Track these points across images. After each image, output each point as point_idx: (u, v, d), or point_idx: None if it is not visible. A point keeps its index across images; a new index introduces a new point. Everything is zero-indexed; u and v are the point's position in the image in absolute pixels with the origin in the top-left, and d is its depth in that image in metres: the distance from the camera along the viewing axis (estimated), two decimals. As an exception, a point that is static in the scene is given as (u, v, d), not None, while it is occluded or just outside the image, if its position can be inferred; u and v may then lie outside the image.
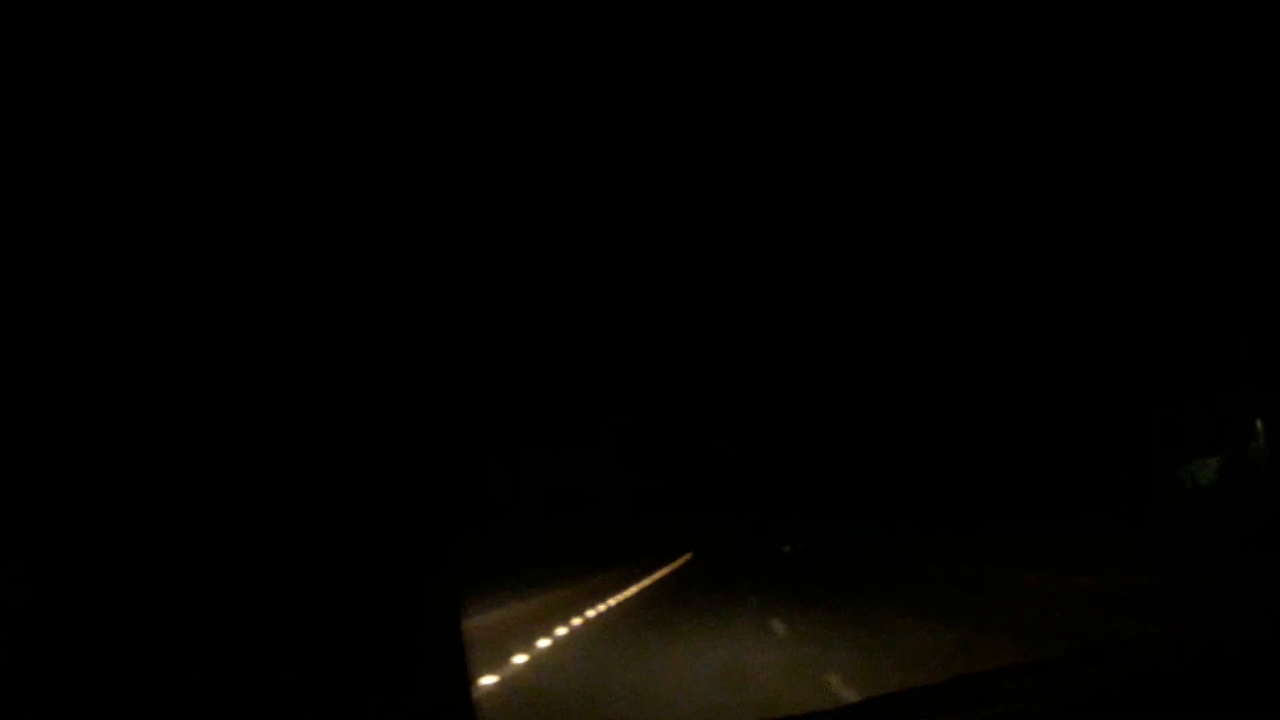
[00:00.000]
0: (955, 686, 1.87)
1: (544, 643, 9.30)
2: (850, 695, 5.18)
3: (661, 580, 22.28)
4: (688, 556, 49.67)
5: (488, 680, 6.84)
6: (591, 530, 32.67)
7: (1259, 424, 23.28)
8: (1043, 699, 1.72)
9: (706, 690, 6.33)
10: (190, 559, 1.45)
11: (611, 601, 12.93)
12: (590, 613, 11.21)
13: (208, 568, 1.47)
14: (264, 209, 1.63)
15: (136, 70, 1.54)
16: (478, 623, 7.96)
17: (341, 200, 1.87)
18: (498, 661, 7.75)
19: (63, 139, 1.45)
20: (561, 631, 10.28)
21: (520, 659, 8.36)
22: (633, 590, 16.43)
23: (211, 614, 1.46)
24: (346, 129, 1.88)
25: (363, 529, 1.69)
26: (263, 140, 1.67)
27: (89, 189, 1.48)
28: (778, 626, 10.00)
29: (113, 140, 1.51)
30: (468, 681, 1.90)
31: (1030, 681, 1.91)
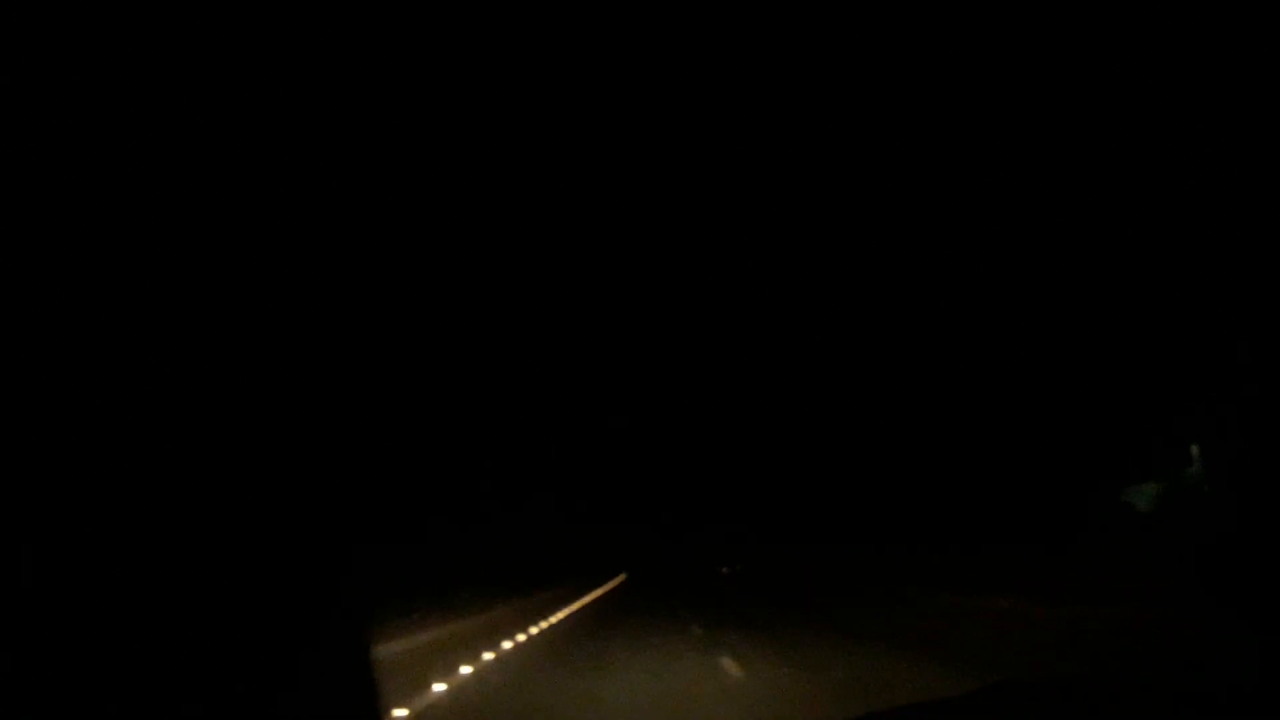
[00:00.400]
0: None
1: (466, 670, 8.92)
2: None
3: (593, 603, 21.88)
4: (621, 578, 49.13)
5: (400, 713, 6.52)
6: (514, 548, 32.00)
7: (1194, 450, 24.44)
8: None
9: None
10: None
11: (533, 631, 12.44)
12: (508, 644, 10.74)
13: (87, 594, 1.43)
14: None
15: (134, 70, 1.63)
16: (392, 648, 7.54)
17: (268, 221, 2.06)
18: (412, 692, 7.36)
19: (49, 136, 1.48)
20: (488, 656, 9.93)
21: (440, 687, 7.99)
22: (561, 614, 16.01)
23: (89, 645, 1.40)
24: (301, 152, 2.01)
25: (254, 538, 1.66)
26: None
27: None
28: (728, 665, 8.87)
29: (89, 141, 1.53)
30: (379, 712, 1.82)
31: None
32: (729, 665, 8.84)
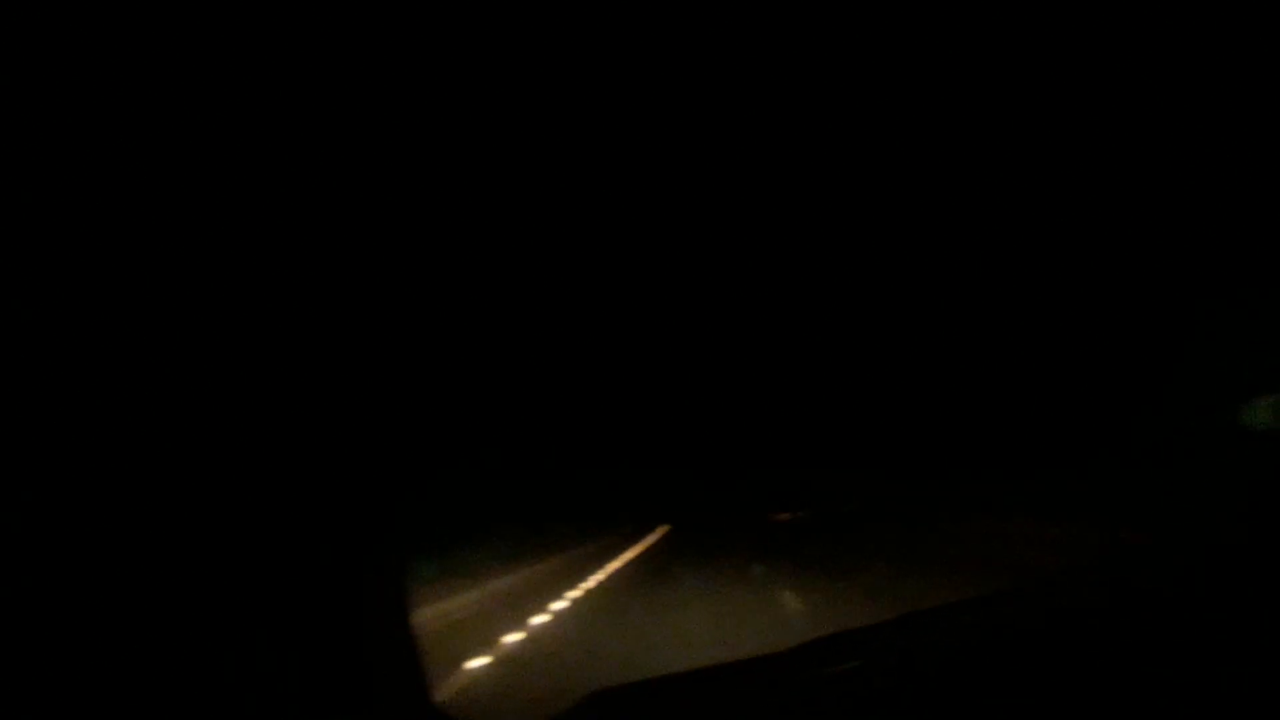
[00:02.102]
0: (906, 622, 2.25)
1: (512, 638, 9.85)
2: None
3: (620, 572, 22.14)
4: (664, 530, 50.63)
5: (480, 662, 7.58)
6: (540, 497, 33.50)
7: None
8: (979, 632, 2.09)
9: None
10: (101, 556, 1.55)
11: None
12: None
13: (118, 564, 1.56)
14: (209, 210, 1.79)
15: (133, 69, 1.71)
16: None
17: (288, 204, 1.94)
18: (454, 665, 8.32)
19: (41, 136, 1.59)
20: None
21: (482, 660, 8.63)
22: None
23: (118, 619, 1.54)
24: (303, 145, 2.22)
25: (290, 502, 1.77)
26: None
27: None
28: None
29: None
30: (425, 684, 1.96)
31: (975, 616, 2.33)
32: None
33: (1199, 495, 14.62)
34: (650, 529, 45.00)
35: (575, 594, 12.85)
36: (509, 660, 8.44)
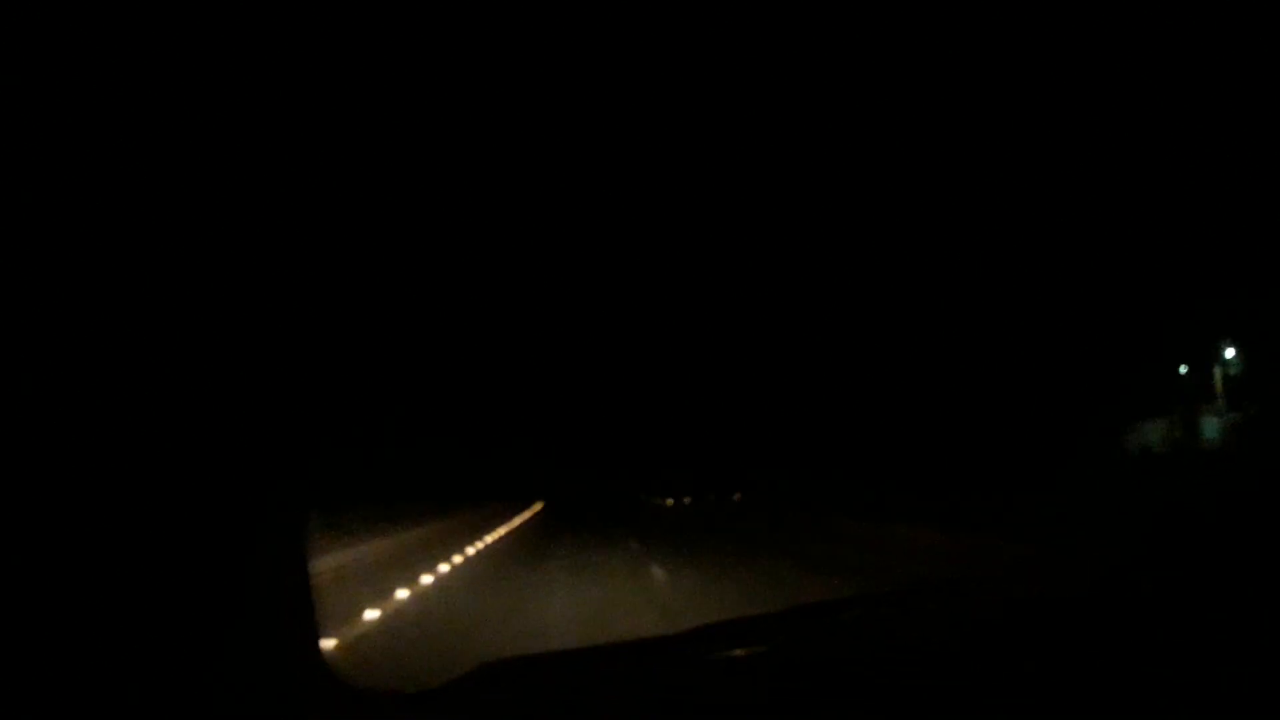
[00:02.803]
0: (792, 614, 2.42)
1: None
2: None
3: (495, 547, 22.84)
4: (538, 507, 50.83)
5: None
6: (410, 468, 33.37)
7: (1217, 376, 26.74)
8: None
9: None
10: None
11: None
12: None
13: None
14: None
15: (133, 68, 1.80)
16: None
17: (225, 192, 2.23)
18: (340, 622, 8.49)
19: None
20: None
21: (373, 614, 9.22)
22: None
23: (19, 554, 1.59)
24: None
25: (188, 443, 1.81)
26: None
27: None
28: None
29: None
30: (315, 635, 2.03)
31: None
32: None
33: (1085, 512, 15.77)
34: (522, 507, 45.14)
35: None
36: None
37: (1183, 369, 25.09)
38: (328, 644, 7.10)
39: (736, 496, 56.06)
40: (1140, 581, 2.69)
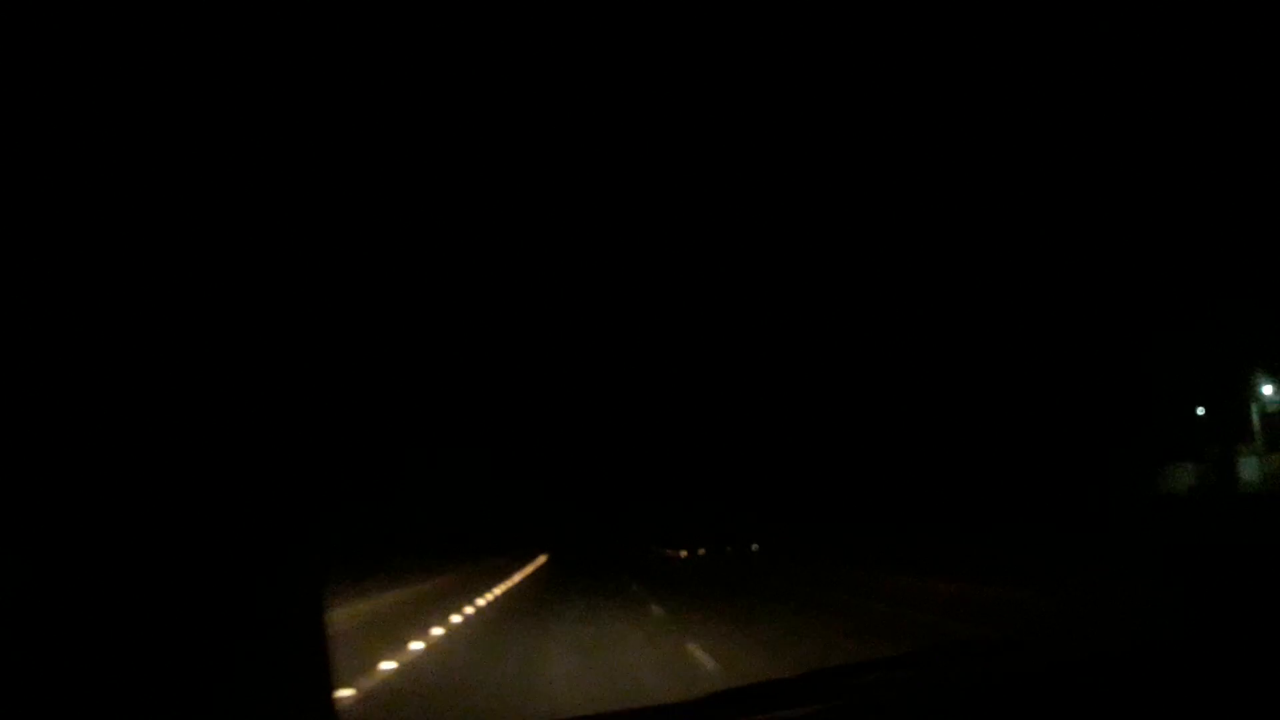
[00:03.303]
0: (808, 680, 2.45)
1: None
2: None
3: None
4: (541, 561, 50.54)
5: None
6: (420, 526, 33.40)
7: (1254, 414, 26.64)
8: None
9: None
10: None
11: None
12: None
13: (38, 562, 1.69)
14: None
15: (132, 67, 1.85)
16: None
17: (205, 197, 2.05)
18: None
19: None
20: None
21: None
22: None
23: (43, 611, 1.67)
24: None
25: (212, 503, 1.90)
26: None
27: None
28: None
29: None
30: (330, 686, 2.09)
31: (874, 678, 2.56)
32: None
33: (1113, 559, 15.82)
34: (524, 560, 44.52)
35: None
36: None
37: (1199, 410, 25.10)
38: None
39: (754, 547, 55.63)
40: (1173, 645, 2.75)
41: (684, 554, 60.06)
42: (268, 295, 2.28)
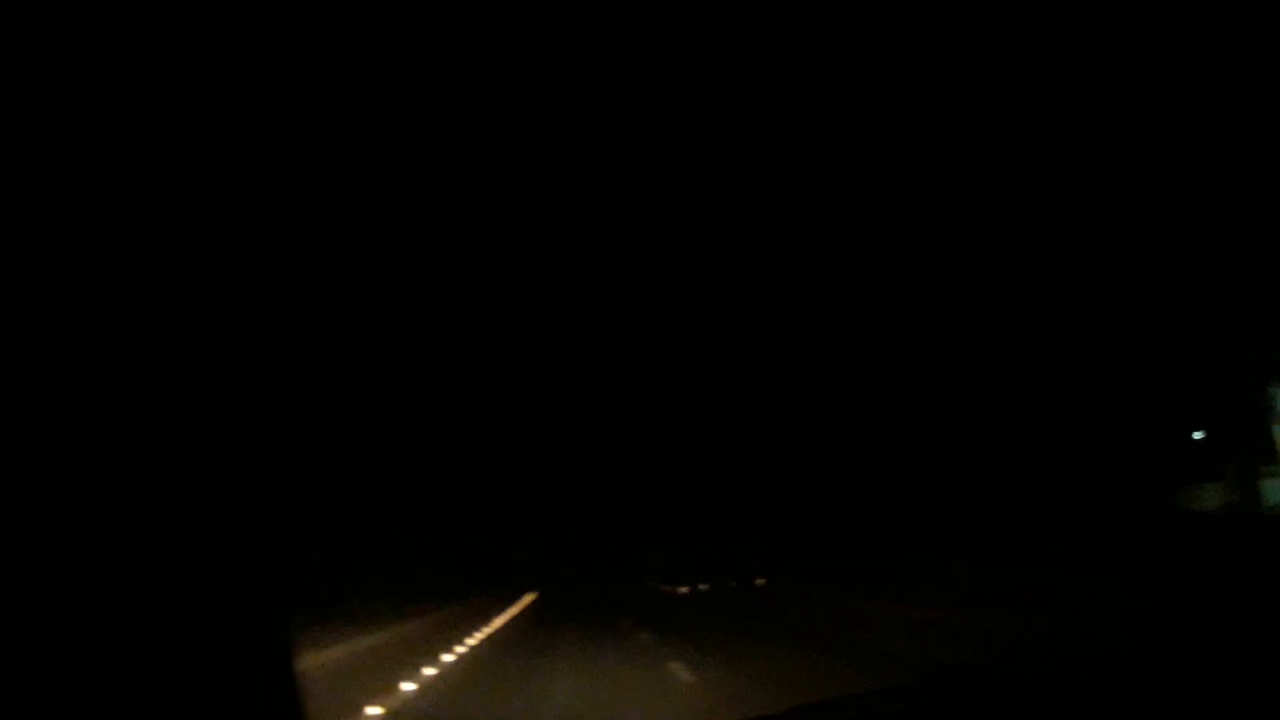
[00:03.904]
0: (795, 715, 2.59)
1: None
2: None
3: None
4: (528, 600, 50.04)
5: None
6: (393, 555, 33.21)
7: (1276, 434, 26.75)
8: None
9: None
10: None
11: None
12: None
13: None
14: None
15: (132, 67, 1.95)
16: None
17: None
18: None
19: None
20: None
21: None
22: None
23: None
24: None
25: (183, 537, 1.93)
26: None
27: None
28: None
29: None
30: None
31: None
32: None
33: (1136, 587, 15.97)
34: (508, 600, 44.35)
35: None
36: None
37: (1216, 429, 25.29)
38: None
39: (760, 582, 55.28)
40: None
41: (684, 590, 59.40)
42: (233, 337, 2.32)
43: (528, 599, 50.29)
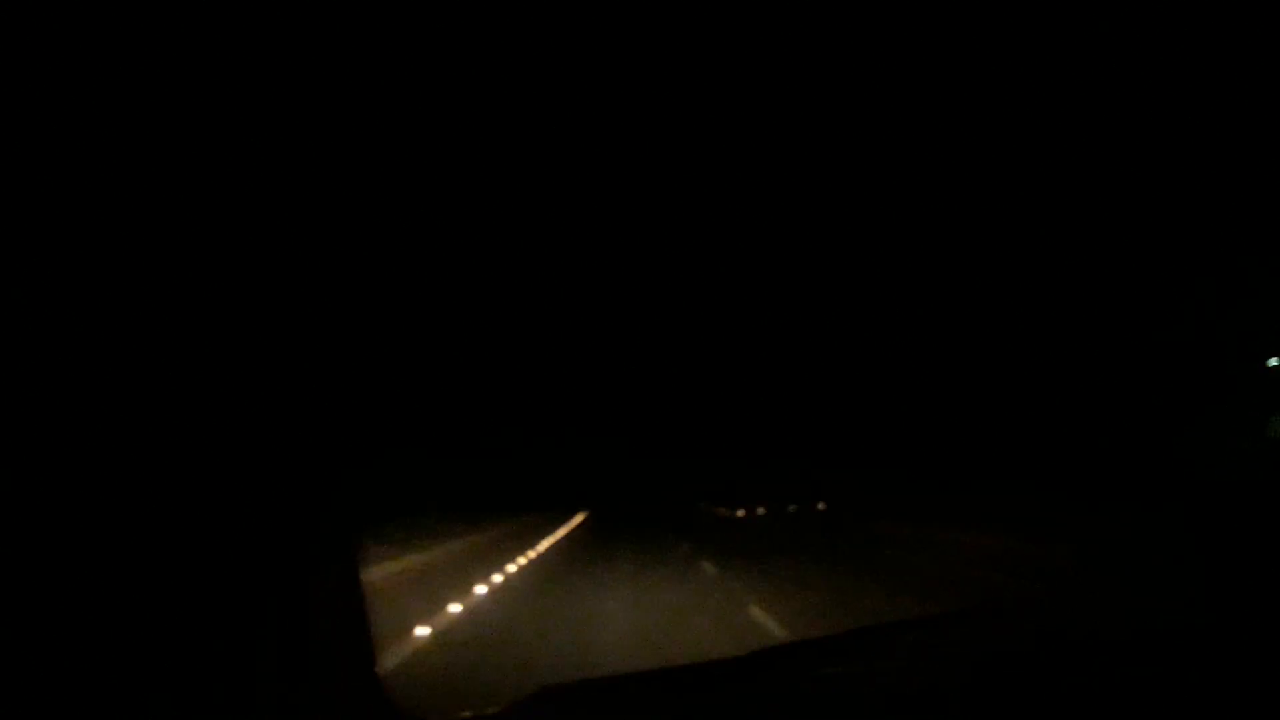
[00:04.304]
0: (857, 637, 2.61)
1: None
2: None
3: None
4: (577, 521, 50.68)
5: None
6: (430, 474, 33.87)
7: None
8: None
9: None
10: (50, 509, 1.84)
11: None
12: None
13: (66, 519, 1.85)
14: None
15: (133, 67, 1.98)
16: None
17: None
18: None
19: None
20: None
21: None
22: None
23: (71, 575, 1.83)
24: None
25: (238, 467, 2.08)
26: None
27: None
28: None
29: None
30: (371, 653, 2.23)
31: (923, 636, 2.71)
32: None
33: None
34: (558, 522, 43.87)
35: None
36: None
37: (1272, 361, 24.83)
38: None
39: (821, 506, 55.32)
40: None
41: (741, 513, 59.31)
42: (318, 274, 2.49)
43: (578, 519, 51.14)
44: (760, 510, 58.99)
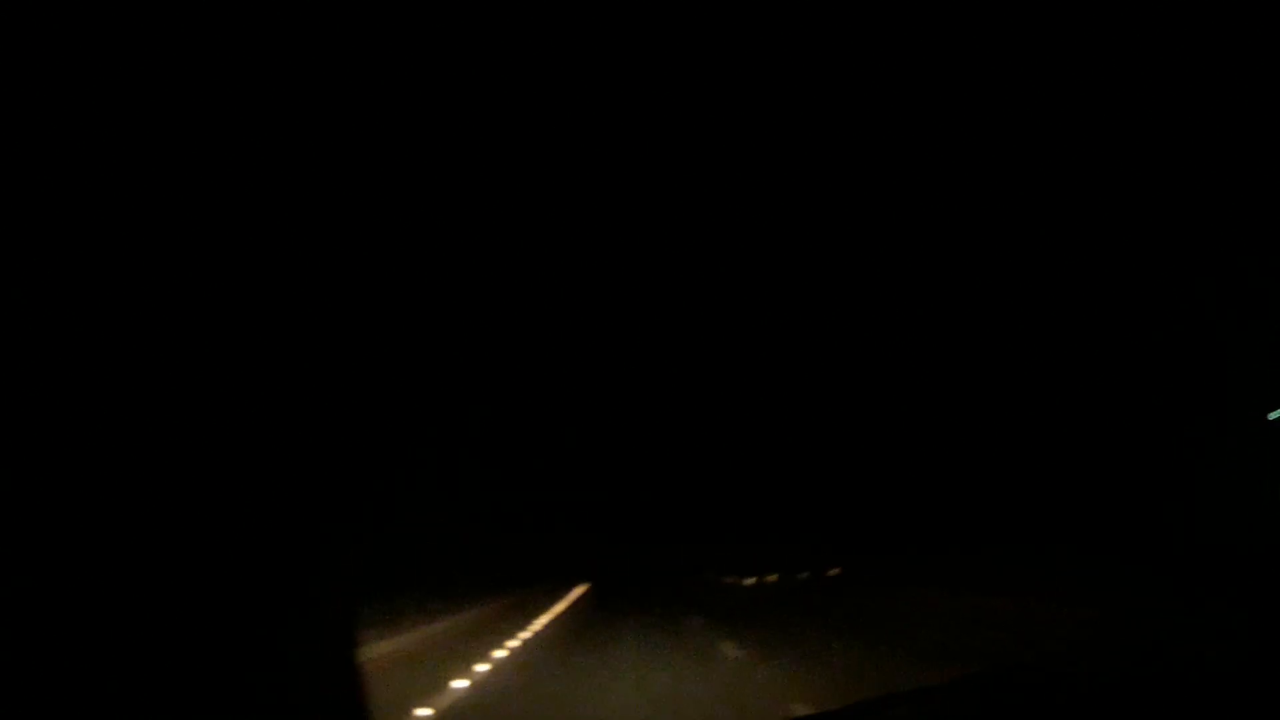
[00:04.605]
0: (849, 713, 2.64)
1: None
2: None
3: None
4: (579, 593, 50.32)
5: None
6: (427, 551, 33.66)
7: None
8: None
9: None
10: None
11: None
12: None
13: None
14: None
15: (132, 67, 2.01)
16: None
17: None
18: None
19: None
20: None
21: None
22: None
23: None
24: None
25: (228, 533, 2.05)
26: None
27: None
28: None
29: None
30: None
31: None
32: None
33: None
34: (556, 593, 43.30)
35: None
36: None
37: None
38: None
39: (835, 571, 55.14)
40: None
41: (751, 581, 59.10)
42: (274, 319, 2.48)
43: (579, 590, 50.84)
44: (771, 578, 58.71)
